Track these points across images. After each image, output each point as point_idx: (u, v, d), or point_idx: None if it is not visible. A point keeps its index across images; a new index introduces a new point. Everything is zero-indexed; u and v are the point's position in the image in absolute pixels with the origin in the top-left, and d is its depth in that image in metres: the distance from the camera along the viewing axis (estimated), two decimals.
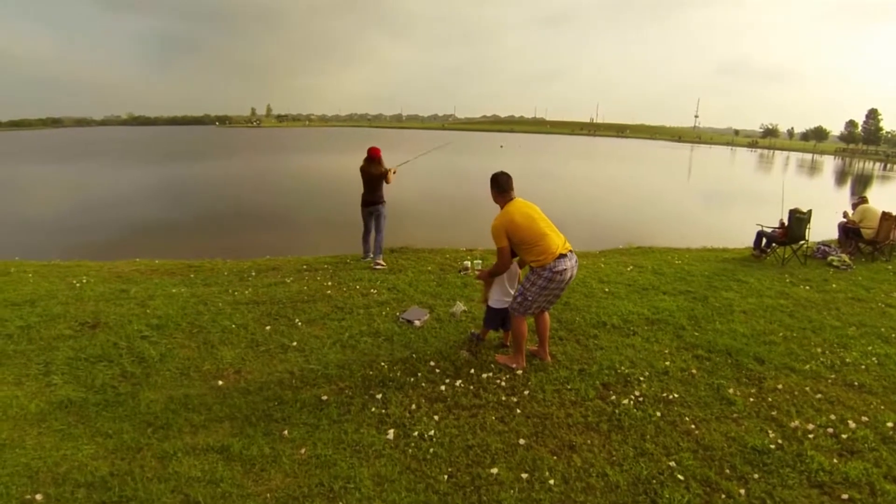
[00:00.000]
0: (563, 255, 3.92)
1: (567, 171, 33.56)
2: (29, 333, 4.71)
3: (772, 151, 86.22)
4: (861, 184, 35.74)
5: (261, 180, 24.38)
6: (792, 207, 8.63)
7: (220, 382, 3.89)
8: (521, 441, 3.24)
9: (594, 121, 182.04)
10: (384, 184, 7.28)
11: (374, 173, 7.15)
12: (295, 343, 4.59)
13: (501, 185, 4.08)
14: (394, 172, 7.28)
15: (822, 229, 10.01)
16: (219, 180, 24.75)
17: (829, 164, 60.45)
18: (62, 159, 38.91)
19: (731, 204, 21.42)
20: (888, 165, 62.57)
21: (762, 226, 8.96)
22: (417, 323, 5.03)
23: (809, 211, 8.52)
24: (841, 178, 41.47)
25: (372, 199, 7.26)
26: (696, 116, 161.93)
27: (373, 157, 7.16)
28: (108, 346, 4.45)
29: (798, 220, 8.43)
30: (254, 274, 6.76)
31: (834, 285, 6.94)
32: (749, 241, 9.99)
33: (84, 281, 6.35)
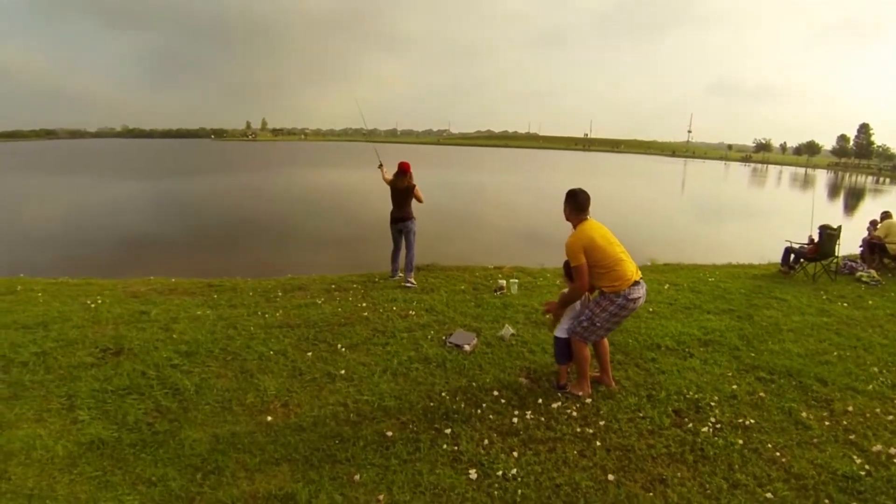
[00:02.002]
0: (637, 283, 3.77)
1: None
2: (46, 361, 4.30)
3: (765, 166, 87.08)
4: (854, 196, 36.08)
5: (268, 194, 24.02)
6: (822, 223, 8.55)
7: (269, 418, 3.51)
8: (610, 477, 3.00)
9: (588, 136, 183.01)
10: (414, 201, 7.01)
11: (401, 187, 6.87)
12: (343, 371, 4.23)
13: (580, 204, 3.85)
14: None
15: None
16: (224, 194, 24.34)
17: (823, 177, 61.08)
18: (61, 171, 38.41)
19: (739, 219, 21.38)
20: (880, 179, 63.34)
21: (791, 242, 8.79)
22: (467, 348, 4.70)
23: (839, 227, 8.44)
24: (838, 192, 41.80)
25: (400, 215, 6.96)
26: (690, 132, 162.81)
27: (403, 171, 6.86)
28: (135, 376, 4.05)
29: (829, 237, 8.34)
30: (280, 294, 6.38)
31: (870, 302, 6.86)
32: (770, 255, 9.90)
33: (99, 301, 5.94)
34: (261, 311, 5.67)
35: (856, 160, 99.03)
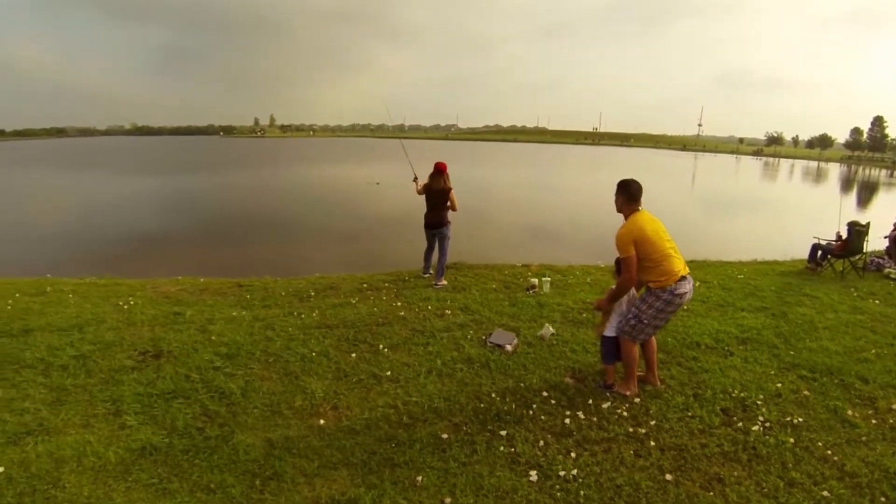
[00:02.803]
0: (684, 278, 3.72)
1: (593, 182, 33.29)
2: (86, 364, 4.27)
3: (777, 160, 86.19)
4: (868, 190, 35.76)
5: (283, 192, 23.97)
6: (850, 220, 8.53)
7: (321, 421, 3.46)
8: (668, 477, 3.00)
9: (597, 129, 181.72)
10: (448, 208, 6.73)
11: (437, 188, 6.60)
12: (388, 373, 4.18)
13: (632, 194, 3.80)
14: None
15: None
16: (239, 190, 24.35)
17: (836, 171, 60.34)
18: (73, 168, 38.51)
19: (757, 215, 21.10)
20: (894, 173, 62.41)
21: (819, 238, 8.69)
22: (509, 348, 4.64)
23: (868, 223, 8.37)
24: (851, 186, 41.32)
25: (435, 220, 6.70)
26: (700, 125, 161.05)
27: (440, 171, 6.60)
28: (179, 380, 4.01)
29: (857, 233, 8.26)
30: (313, 294, 6.33)
31: None
32: (793, 252, 9.85)
33: (131, 302, 5.91)
34: (296, 312, 5.62)
35: (869, 153, 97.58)
